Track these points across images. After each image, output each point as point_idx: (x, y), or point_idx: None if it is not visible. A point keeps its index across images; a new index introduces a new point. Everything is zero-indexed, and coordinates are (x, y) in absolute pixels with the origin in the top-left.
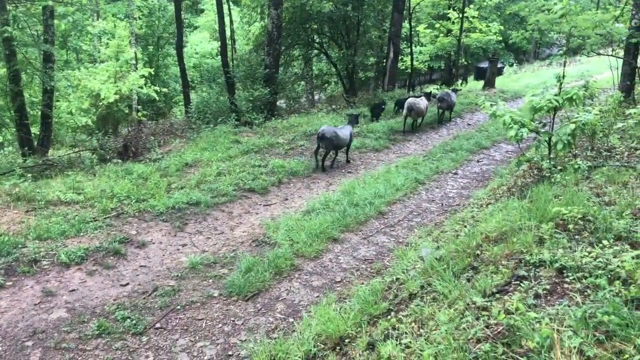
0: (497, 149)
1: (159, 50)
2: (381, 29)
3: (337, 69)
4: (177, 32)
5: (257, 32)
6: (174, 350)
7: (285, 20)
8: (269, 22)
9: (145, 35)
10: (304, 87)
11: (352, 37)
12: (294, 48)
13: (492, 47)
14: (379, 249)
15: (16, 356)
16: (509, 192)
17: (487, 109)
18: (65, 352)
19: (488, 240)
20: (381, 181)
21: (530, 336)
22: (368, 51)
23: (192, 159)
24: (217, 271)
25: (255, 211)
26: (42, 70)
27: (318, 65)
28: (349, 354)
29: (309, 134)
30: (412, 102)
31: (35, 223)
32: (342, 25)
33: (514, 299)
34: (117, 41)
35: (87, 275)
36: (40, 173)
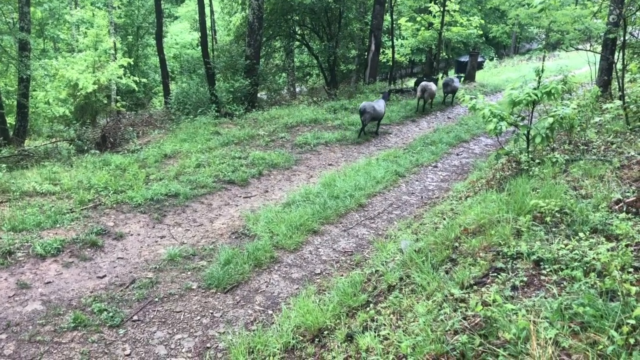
0: (476, 143)
1: (139, 40)
2: (363, 21)
3: (319, 61)
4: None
5: (238, 23)
6: (152, 343)
7: (267, 11)
8: (250, 13)
9: (124, 25)
10: (285, 78)
11: (334, 29)
12: (275, 39)
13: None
14: (358, 241)
15: None
16: (488, 185)
17: (466, 102)
18: (40, 345)
19: (467, 233)
20: (361, 174)
21: (507, 328)
22: (350, 43)
23: (171, 150)
24: (196, 263)
25: (235, 203)
26: (18, 59)
27: (299, 57)
28: (328, 345)
29: (290, 126)
30: (425, 85)
31: (9, 214)
32: (324, 17)
33: (491, 290)
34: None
35: (63, 267)
36: (15, 163)
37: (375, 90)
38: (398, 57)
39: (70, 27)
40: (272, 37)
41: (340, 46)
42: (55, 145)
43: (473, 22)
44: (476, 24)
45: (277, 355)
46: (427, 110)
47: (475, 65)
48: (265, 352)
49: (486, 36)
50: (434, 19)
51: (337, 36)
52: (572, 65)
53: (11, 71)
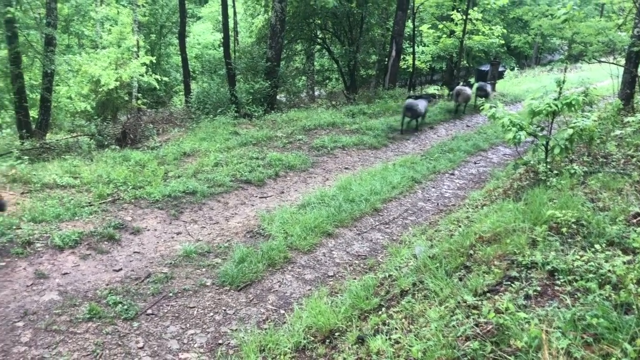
0: (494, 152)
1: (161, 38)
2: (384, 27)
3: (339, 65)
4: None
5: (260, 25)
6: (165, 337)
7: (289, 14)
8: (272, 15)
9: (148, 23)
10: (304, 82)
11: (355, 34)
12: (296, 42)
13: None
14: (372, 246)
15: (6, 336)
16: (505, 194)
17: (486, 110)
18: (56, 334)
19: (482, 241)
20: (378, 178)
21: (519, 336)
22: (370, 49)
23: (190, 149)
24: (211, 260)
25: (251, 203)
26: (44, 53)
27: (320, 60)
28: (339, 347)
29: (308, 128)
30: (460, 89)
31: (30, 205)
32: (346, 21)
33: (504, 298)
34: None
35: (80, 259)
36: (37, 156)
37: (395, 96)
38: (418, 64)
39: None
40: (293, 40)
41: (361, 51)
42: (76, 139)
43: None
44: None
45: (288, 355)
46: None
47: (496, 75)
48: (277, 350)
49: (508, 46)
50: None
51: (358, 41)
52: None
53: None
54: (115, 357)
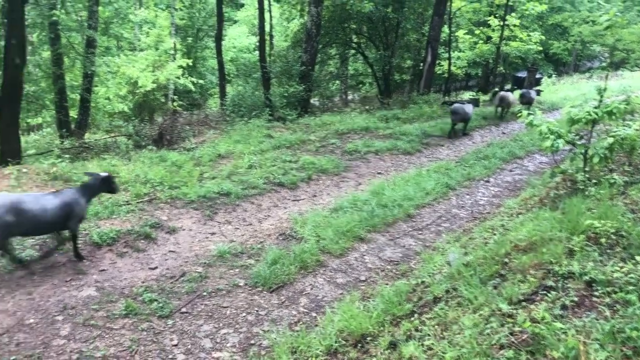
0: (530, 160)
1: (198, 42)
2: (420, 32)
3: (373, 69)
4: (217, 25)
5: (296, 29)
6: (198, 335)
7: (325, 19)
8: (308, 20)
9: (185, 27)
10: (338, 86)
11: (391, 39)
12: (331, 47)
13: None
14: (405, 252)
15: (47, 329)
16: (541, 203)
17: (524, 117)
18: (93, 329)
19: (517, 249)
20: (411, 184)
21: (555, 346)
22: (405, 54)
23: (225, 151)
24: (244, 261)
25: (284, 205)
26: (84, 55)
27: (354, 65)
28: (371, 351)
29: (341, 132)
30: (504, 94)
31: None
32: (381, 26)
33: (540, 308)
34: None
35: (117, 257)
36: (76, 155)
37: (429, 102)
38: (454, 70)
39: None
40: (328, 44)
41: (395, 56)
42: (114, 139)
43: (533, 38)
44: (536, 40)
45: (319, 357)
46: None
47: (533, 82)
48: (308, 353)
49: (545, 52)
50: (492, 32)
51: (394, 46)
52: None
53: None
54: (150, 354)
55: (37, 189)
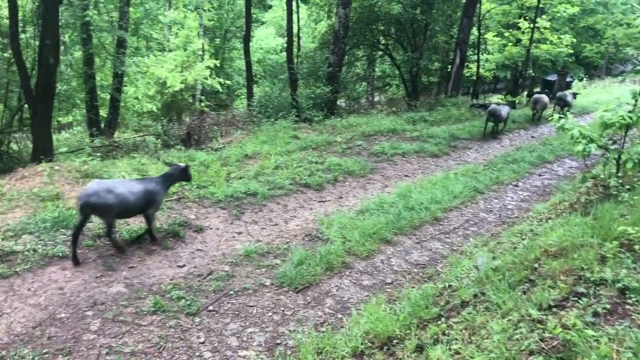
0: (560, 164)
1: (225, 43)
2: (448, 34)
3: (401, 71)
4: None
5: (323, 31)
6: (225, 334)
7: (352, 20)
8: (336, 21)
9: (213, 28)
10: (364, 87)
11: (419, 41)
12: (358, 48)
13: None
14: (432, 255)
15: (77, 324)
16: (571, 208)
17: (555, 121)
18: (122, 325)
19: (547, 255)
20: (439, 187)
21: (587, 353)
22: (433, 56)
23: (251, 151)
24: (270, 261)
25: (310, 206)
26: (115, 55)
27: (380, 66)
28: (397, 354)
29: (367, 134)
30: (538, 97)
31: None
32: (409, 28)
33: (571, 314)
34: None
35: (146, 254)
36: (106, 153)
37: (457, 104)
38: (482, 72)
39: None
40: (355, 45)
41: (423, 58)
42: (143, 138)
43: (564, 41)
44: (567, 43)
45: (345, 359)
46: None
47: (564, 85)
48: (334, 354)
49: (576, 55)
50: (522, 35)
51: (422, 48)
52: None
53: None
54: (177, 351)
55: (68, 186)
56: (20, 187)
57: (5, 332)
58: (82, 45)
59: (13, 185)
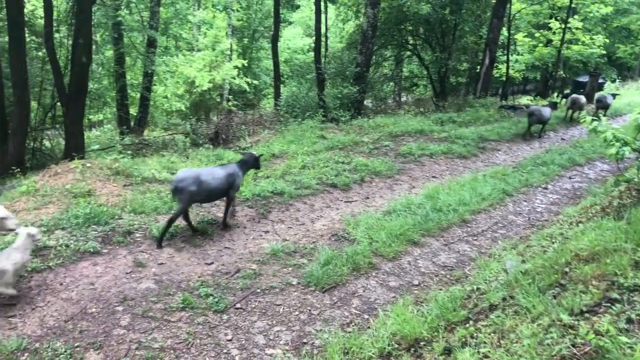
0: (591, 167)
1: (253, 43)
2: (478, 34)
3: (429, 72)
4: (274, 26)
5: (351, 31)
6: (252, 332)
7: (381, 20)
8: (364, 21)
9: (241, 28)
10: (392, 88)
11: (448, 41)
12: (386, 48)
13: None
14: (459, 257)
15: (107, 318)
16: (603, 212)
17: (587, 123)
18: (152, 321)
19: (578, 259)
20: (467, 189)
21: None
22: (462, 56)
23: (278, 150)
24: (297, 260)
25: (336, 206)
26: (145, 54)
27: (408, 67)
28: (424, 356)
29: (394, 135)
30: (576, 97)
31: (131, 197)
32: (438, 28)
33: (604, 320)
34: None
35: (175, 251)
36: (136, 151)
37: (486, 105)
38: (512, 73)
39: (191, 27)
40: (383, 45)
41: (452, 58)
42: (172, 137)
43: (596, 41)
44: (599, 43)
45: (372, 359)
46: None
47: (595, 87)
48: (361, 354)
49: (609, 56)
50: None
51: (450, 48)
52: None
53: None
54: (205, 347)
55: (100, 183)
56: (53, 184)
57: (39, 325)
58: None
59: (46, 182)
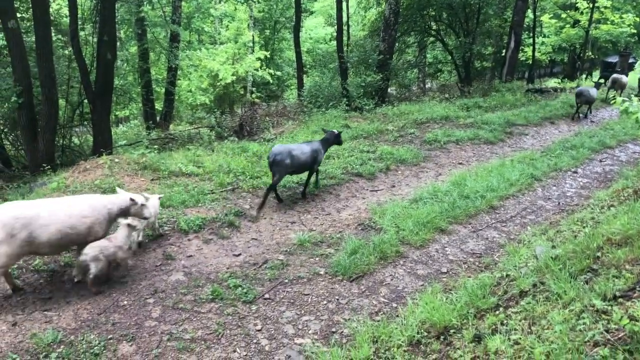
0: (622, 149)
1: (275, 34)
2: (502, 17)
3: (453, 57)
4: (295, 17)
5: (373, 18)
6: (281, 321)
7: (403, 6)
8: (386, 8)
9: (263, 19)
10: (416, 74)
11: (471, 25)
12: (409, 35)
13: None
14: (488, 244)
15: (139, 310)
16: (636, 195)
17: (618, 104)
18: (182, 312)
19: (610, 243)
20: (494, 175)
21: None
22: (486, 40)
23: (303, 141)
24: (324, 250)
25: (362, 195)
26: (169, 49)
27: (432, 52)
28: (454, 344)
29: (419, 122)
30: (617, 77)
31: (159, 191)
32: (462, 12)
33: (638, 305)
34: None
35: (203, 243)
36: (162, 145)
37: (512, 89)
38: (538, 55)
39: (213, 21)
40: (406, 32)
41: (477, 43)
42: (197, 130)
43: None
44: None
45: (401, 348)
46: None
47: (626, 67)
48: (390, 342)
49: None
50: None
51: (474, 32)
52: None
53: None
54: (235, 338)
55: (128, 177)
56: (82, 180)
57: (73, 318)
58: (138, 41)
59: (76, 178)
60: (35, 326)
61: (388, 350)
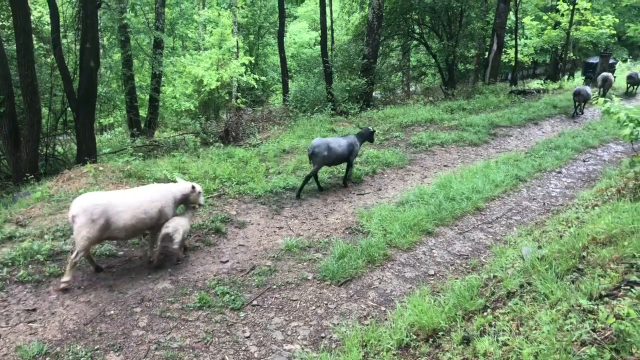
0: (605, 149)
1: (259, 39)
2: (485, 20)
3: (437, 60)
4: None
5: (357, 22)
6: (269, 328)
7: (386, 10)
8: (369, 12)
9: (247, 25)
10: (400, 78)
11: (454, 28)
12: (393, 38)
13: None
14: (475, 245)
15: (126, 320)
16: (619, 194)
17: (600, 104)
18: (170, 321)
19: (595, 243)
20: (479, 176)
21: None
22: (469, 43)
23: (289, 146)
24: (312, 255)
25: (349, 199)
26: (152, 55)
27: (416, 56)
28: (443, 346)
29: (404, 125)
30: (606, 75)
31: None
32: (444, 15)
33: (624, 304)
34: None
35: (189, 251)
36: (147, 153)
37: (496, 91)
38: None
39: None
40: (390, 36)
41: (459, 45)
42: (182, 137)
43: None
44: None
45: (390, 351)
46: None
47: (607, 67)
48: (379, 346)
49: (619, 36)
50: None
51: (457, 35)
52: None
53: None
54: (224, 345)
55: (113, 185)
56: (67, 189)
57: (59, 329)
58: (121, 48)
59: (60, 187)
60: (20, 338)
61: (377, 354)
